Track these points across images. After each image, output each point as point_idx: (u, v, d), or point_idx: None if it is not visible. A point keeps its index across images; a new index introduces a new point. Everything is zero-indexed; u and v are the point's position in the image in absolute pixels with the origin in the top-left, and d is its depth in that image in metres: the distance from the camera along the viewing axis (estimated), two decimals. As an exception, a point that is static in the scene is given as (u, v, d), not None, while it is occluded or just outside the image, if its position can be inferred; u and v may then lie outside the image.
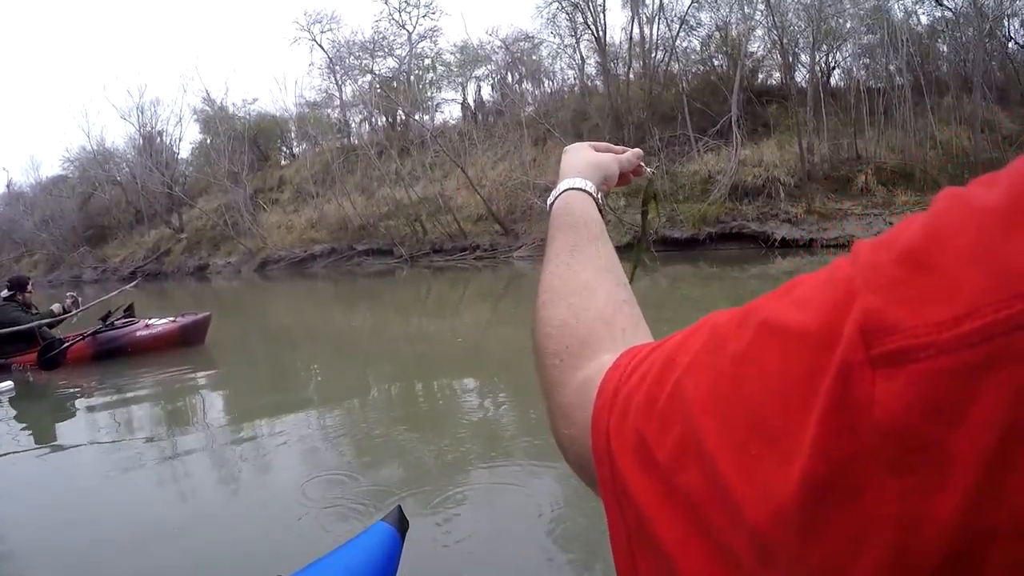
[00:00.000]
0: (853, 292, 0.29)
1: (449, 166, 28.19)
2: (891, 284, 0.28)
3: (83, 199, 42.45)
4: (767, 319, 0.33)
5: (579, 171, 0.83)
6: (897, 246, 0.30)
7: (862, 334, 0.28)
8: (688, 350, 0.38)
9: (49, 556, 3.12)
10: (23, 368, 7.86)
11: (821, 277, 0.33)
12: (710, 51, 26.75)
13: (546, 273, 0.64)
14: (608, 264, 0.64)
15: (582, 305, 0.57)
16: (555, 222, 0.73)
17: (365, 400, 6.05)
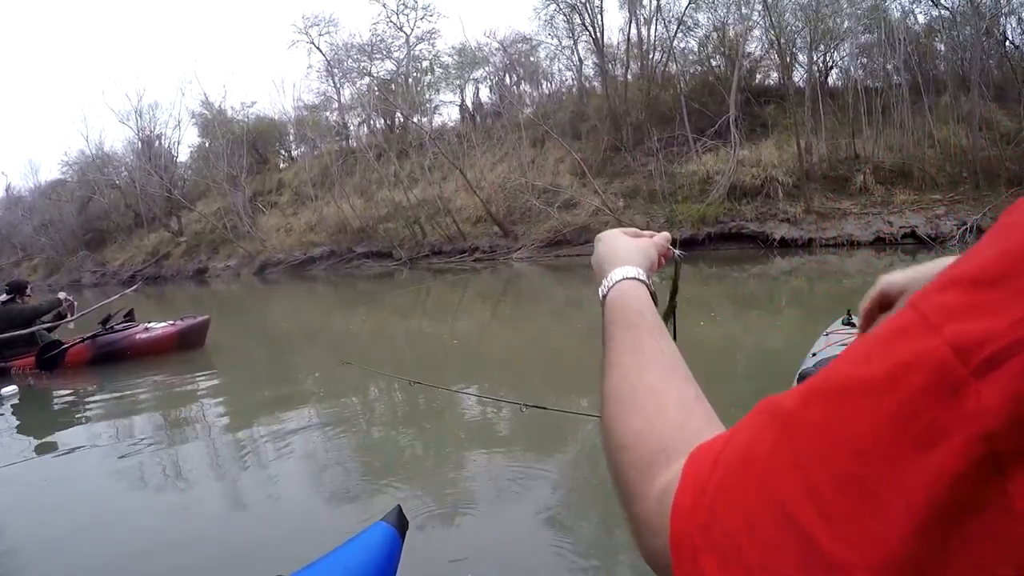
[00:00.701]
0: (934, 327, 0.30)
1: (448, 168, 28.18)
2: (972, 307, 0.29)
3: (82, 203, 42.41)
4: (837, 385, 0.33)
5: (627, 259, 0.80)
6: (965, 278, 0.31)
7: (957, 353, 0.28)
8: (762, 443, 0.37)
9: (49, 558, 3.12)
10: (23, 372, 7.87)
11: (881, 334, 0.33)
12: (708, 51, 26.79)
13: (611, 380, 0.61)
14: (672, 360, 0.61)
15: (654, 413, 0.54)
16: (612, 317, 0.70)
17: (364, 401, 6.06)
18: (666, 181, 22.63)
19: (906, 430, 0.29)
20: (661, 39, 26.64)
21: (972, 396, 0.27)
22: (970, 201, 18.04)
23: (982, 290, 0.30)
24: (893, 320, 0.33)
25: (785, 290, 11.61)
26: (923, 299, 0.32)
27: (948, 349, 0.29)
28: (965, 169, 19.21)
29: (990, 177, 18.52)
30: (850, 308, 3.93)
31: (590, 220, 23.11)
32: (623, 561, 2.69)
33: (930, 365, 0.29)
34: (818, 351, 3.32)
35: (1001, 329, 0.28)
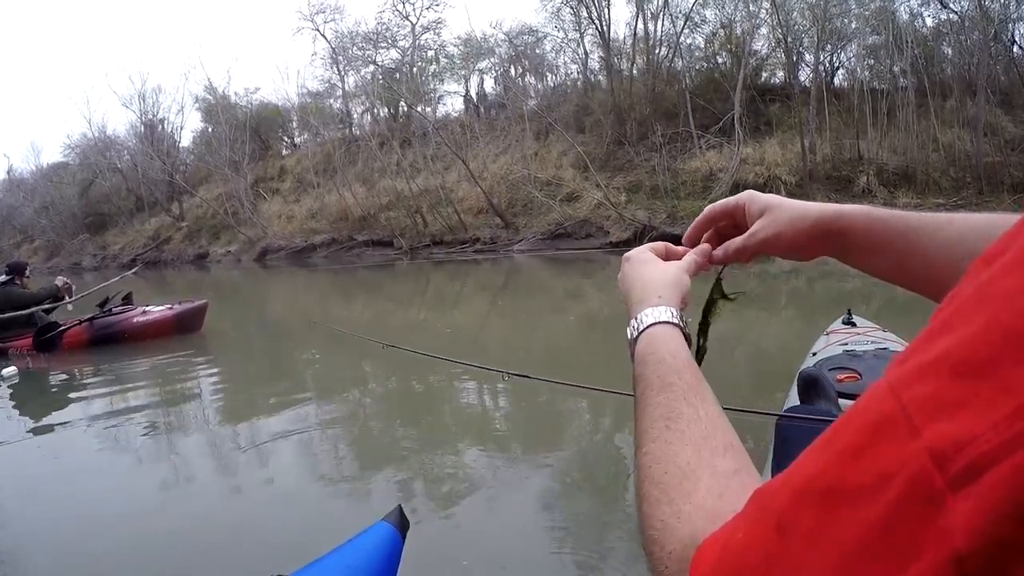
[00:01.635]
0: (915, 429, 0.28)
1: (450, 158, 28.15)
2: (954, 402, 0.27)
3: (84, 186, 42.41)
4: (828, 487, 0.32)
5: (659, 294, 0.73)
6: (947, 362, 0.29)
7: (935, 461, 0.27)
8: (757, 549, 0.36)
9: (44, 551, 3.11)
10: (20, 353, 7.86)
11: (867, 419, 0.31)
12: (714, 48, 26.73)
13: (642, 454, 0.57)
14: (708, 427, 0.56)
15: (684, 500, 0.50)
16: (643, 373, 0.64)
17: (364, 394, 6.05)
18: (669, 177, 22.60)
19: (887, 543, 0.28)
20: (668, 35, 26.62)
21: (947, 512, 0.26)
22: (973, 206, 18.01)
23: (964, 380, 0.27)
24: (877, 398, 0.31)
25: (786, 289, 11.60)
26: (904, 385, 0.30)
27: (927, 456, 0.27)
28: (969, 174, 19.18)
29: (993, 183, 18.51)
30: (850, 308, 3.92)
31: (592, 214, 23.11)
32: (623, 557, 2.68)
33: (908, 473, 0.28)
34: (818, 351, 3.31)
35: (980, 432, 0.26)
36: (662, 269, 0.78)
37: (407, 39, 33.60)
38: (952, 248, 0.66)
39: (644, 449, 0.57)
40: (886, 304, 8.49)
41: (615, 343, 4.15)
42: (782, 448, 1.64)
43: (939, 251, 0.66)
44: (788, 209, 0.77)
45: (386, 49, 34.10)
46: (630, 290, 0.77)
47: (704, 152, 22.91)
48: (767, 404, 3.58)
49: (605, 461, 3.88)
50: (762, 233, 0.79)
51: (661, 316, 0.69)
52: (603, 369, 6.19)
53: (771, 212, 0.78)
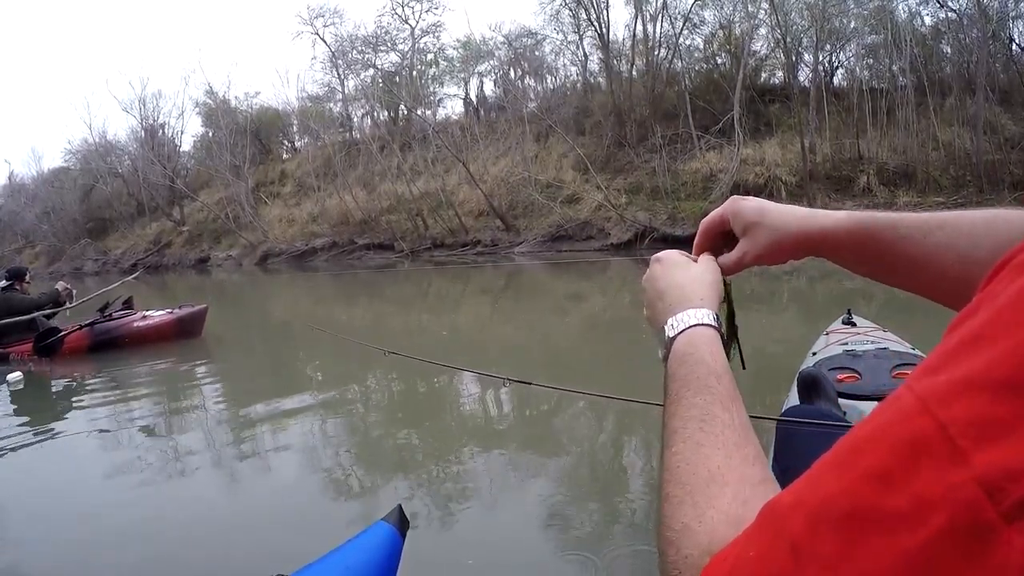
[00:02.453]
0: (960, 454, 0.26)
1: (451, 161, 28.17)
2: (1003, 424, 0.25)
3: (85, 191, 42.44)
4: (854, 511, 0.30)
5: (700, 295, 0.73)
6: (991, 380, 0.27)
7: (986, 492, 0.25)
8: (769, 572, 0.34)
9: (44, 552, 3.12)
10: (21, 358, 7.86)
11: (899, 438, 0.29)
12: (713, 49, 26.74)
13: (671, 453, 0.56)
14: (741, 434, 0.55)
15: (708, 504, 0.49)
16: (680, 372, 0.63)
17: (364, 395, 6.04)
18: (669, 178, 22.60)
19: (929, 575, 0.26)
20: (667, 36, 26.61)
21: (1002, 545, 0.24)
22: (973, 204, 17.69)
23: (1012, 401, 0.26)
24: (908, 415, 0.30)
25: (786, 289, 11.59)
26: (941, 403, 0.28)
27: (976, 486, 0.25)
28: (969, 172, 19.17)
29: (994, 181, 18.49)
30: (850, 308, 3.92)
31: (592, 215, 23.13)
32: (624, 554, 2.68)
33: (956, 503, 0.26)
34: (818, 351, 3.31)
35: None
36: (700, 270, 0.78)
37: (406, 42, 33.69)
38: (941, 254, 0.66)
39: (674, 448, 0.56)
40: (887, 304, 8.48)
41: (615, 345, 4.17)
42: (783, 447, 1.64)
43: (931, 256, 0.66)
44: (768, 229, 0.77)
45: (386, 52, 34.20)
46: (666, 290, 0.75)
47: (704, 153, 22.92)
48: (767, 404, 3.58)
49: (605, 463, 3.88)
50: (746, 258, 0.79)
51: (704, 318, 0.69)
52: (603, 371, 6.20)
53: (751, 234, 0.78)
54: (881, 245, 0.69)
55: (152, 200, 38.82)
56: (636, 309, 3.43)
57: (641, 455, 4.00)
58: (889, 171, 19.98)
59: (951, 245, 0.65)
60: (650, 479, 3.51)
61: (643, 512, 3.13)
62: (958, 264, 0.64)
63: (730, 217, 0.81)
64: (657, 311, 0.75)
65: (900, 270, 0.69)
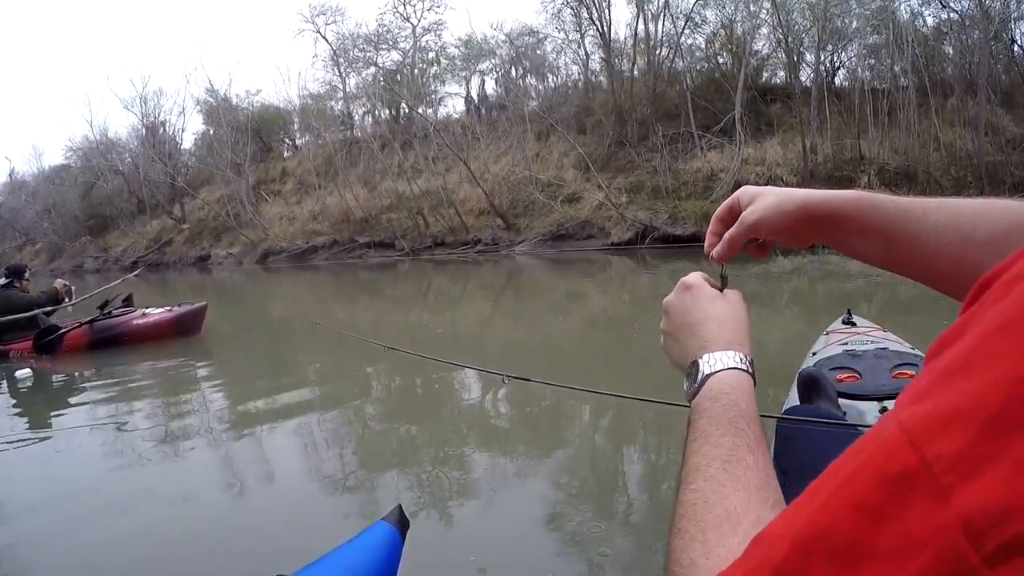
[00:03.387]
0: (943, 491, 0.26)
1: (452, 160, 28.17)
2: (979, 463, 0.25)
3: (85, 189, 42.44)
4: (843, 544, 0.29)
5: (739, 340, 0.74)
6: (975, 416, 0.26)
7: (967, 535, 0.25)
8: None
9: (45, 551, 3.12)
10: (21, 355, 7.87)
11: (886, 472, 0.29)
12: (715, 49, 26.74)
13: (690, 490, 0.55)
14: (763, 478, 0.55)
15: (719, 542, 0.49)
16: (712, 409, 0.63)
17: (364, 395, 6.05)
18: (670, 177, 22.59)
19: None
20: (668, 35, 26.63)
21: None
22: None
23: (996, 439, 0.25)
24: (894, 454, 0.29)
25: (787, 289, 11.59)
26: (925, 437, 0.28)
27: (959, 530, 0.25)
28: (970, 173, 19.16)
29: (995, 182, 18.46)
30: (850, 308, 3.92)
31: (593, 214, 23.13)
32: (624, 551, 2.68)
33: (939, 545, 0.26)
34: (818, 350, 3.31)
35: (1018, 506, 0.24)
36: (737, 311, 0.78)
37: (408, 41, 33.66)
38: (940, 233, 0.66)
39: (693, 486, 0.55)
40: (887, 304, 8.49)
41: (615, 344, 4.15)
42: (782, 448, 1.64)
43: (928, 235, 0.67)
44: (775, 193, 0.78)
45: (387, 51, 34.15)
46: (700, 324, 0.76)
47: (705, 152, 22.91)
48: (767, 403, 3.58)
49: (604, 462, 3.88)
50: (749, 217, 0.79)
51: (741, 363, 0.70)
52: (603, 370, 6.20)
53: (759, 198, 0.79)
54: (883, 216, 0.70)
55: (153, 198, 38.83)
56: (636, 308, 3.43)
57: (640, 453, 4.00)
58: (890, 171, 19.97)
59: (951, 224, 0.66)
60: (649, 477, 3.51)
61: (642, 509, 3.13)
62: (956, 243, 0.65)
63: (739, 197, 0.83)
64: (687, 344, 0.76)
65: (900, 244, 0.69)
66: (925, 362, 0.33)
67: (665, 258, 18.53)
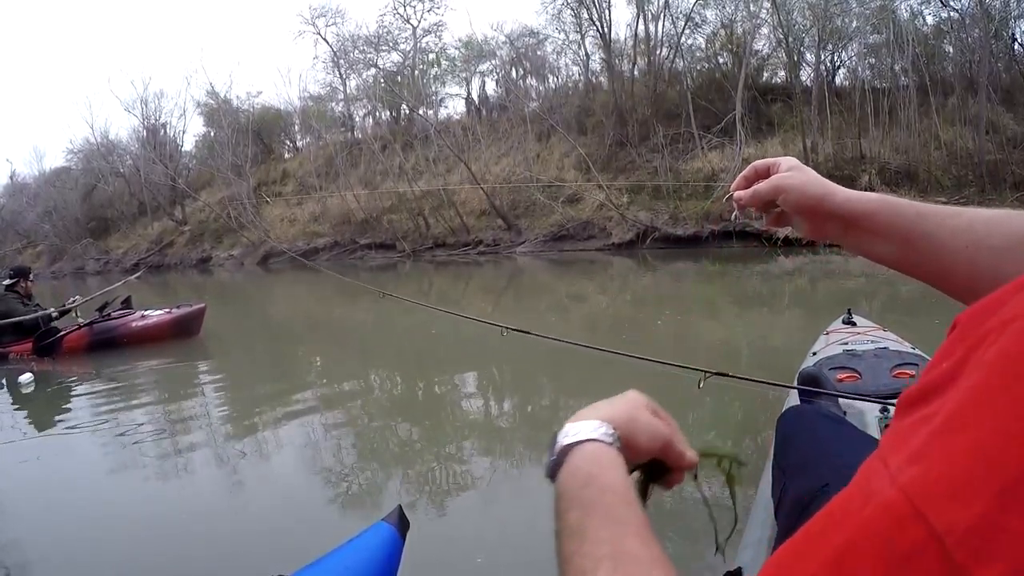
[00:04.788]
0: (960, 570, 0.24)
1: (452, 161, 28.16)
2: (1004, 539, 0.24)
3: (86, 191, 42.39)
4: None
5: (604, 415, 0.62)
6: (986, 487, 0.25)
7: None
8: None
9: (46, 551, 3.12)
10: (20, 357, 7.88)
11: (892, 551, 0.27)
12: (715, 49, 26.69)
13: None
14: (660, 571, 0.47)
15: None
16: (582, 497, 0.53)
17: (365, 395, 6.05)
18: (671, 177, 22.57)
19: None
20: (668, 35, 26.59)
21: None
22: (975, 204, 17.63)
23: (1011, 504, 0.24)
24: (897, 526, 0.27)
25: (788, 289, 11.59)
26: (934, 508, 0.26)
27: None
28: (971, 172, 19.14)
29: (996, 181, 18.46)
30: (851, 307, 3.92)
31: (594, 215, 23.14)
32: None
33: None
34: (818, 350, 3.31)
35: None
36: (627, 407, 0.65)
37: (408, 42, 33.63)
38: (959, 236, 0.67)
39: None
40: (888, 304, 8.49)
41: (617, 343, 4.13)
42: (782, 448, 1.64)
43: (947, 238, 0.68)
44: (809, 173, 0.82)
45: (387, 52, 34.12)
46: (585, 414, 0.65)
47: (706, 152, 22.90)
48: (767, 404, 3.58)
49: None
50: (777, 179, 0.84)
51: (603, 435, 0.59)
52: (604, 369, 6.19)
53: (796, 170, 0.84)
54: (904, 220, 0.72)
55: (154, 200, 38.80)
56: (637, 308, 3.44)
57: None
58: (891, 171, 19.95)
59: (967, 229, 0.67)
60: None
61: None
62: (972, 248, 0.66)
63: (780, 162, 0.87)
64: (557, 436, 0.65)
65: (918, 246, 0.71)
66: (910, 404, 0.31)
67: (666, 258, 18.55)
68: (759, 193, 0.85)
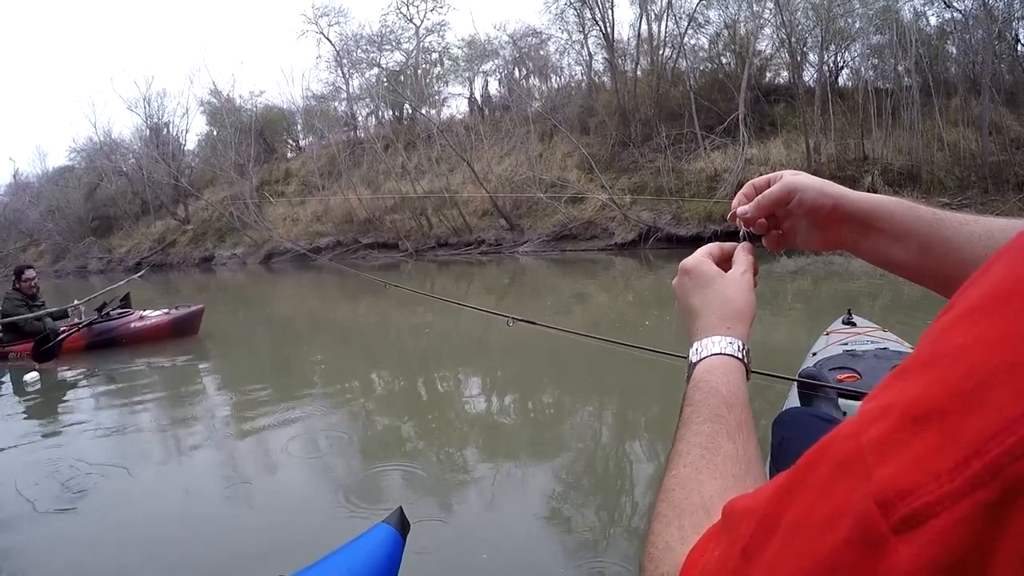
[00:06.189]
0: (867, 470, 0.29)
1: (455, 160, 28.15)
2: (896, 447, 0.28)
3: (89, 190, 42.46)
4: (791, 520, 0.32)
5: (728, 324, 0.74)
6: (895, 410, 0.30)
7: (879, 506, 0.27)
8: (725, 569, 0.37)
9: (47, 550, 3.13)
10: (21, 357, 7.89)
11: (832, 456, 0.32)
12: (718, 49, 26.69)
13: (671, 475, 0.57)
14: (743, 467, 0.56)
15: (694, 529, 0.50)
16: (695, 398, 0.64)
17: (365, 396, 6.05)
18: (674, 178, 22.57)
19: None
20: (671, 35, 26.57)
21: (889, 554, 0.27)
22: (978, 205, 17.92)
23: (912, 425, 0.28)
24: (841, 441, 0.32)
25: (790, 290, 11.58)
26: (864, 425, 0.31)
27: (871, 501, 0.28)
28: (974, 173, 19.12)
29: (999, 182, 18.43)
30: (852, 308, 3.92)
31: (596, 215, 23.14)
32: (628, 560, 2.68)
33: (855, 515, 0.28)
34: (818, 351, 3.31)
35: (925, 482, 0.26)
36: (732, 292, 0.78)
37: (411, 41, 33.65)
38: (977, 242, 0.68)
39: (674, 472, 0.57)
40: (889, 304, 8.48)
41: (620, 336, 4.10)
42: (779, 449, 1.64)
43: (965, 242, 0.68)
44: (817, 179, 0.80)
45: (390, 51, 34.18)
46: (698, 310, 0.77)
47: (709, 153, 22.89)
48: (767, 404, 3.57)
49: (609, 463, 3.88)
50: (788, 180, 0.81)
51: (726, 347, 0.70)
52: (604, 369, 6.19)
53: (804, 176, 0.81)
54: (923, 221, 0.71)
55: (157, 199, 38.85)
56: (638, 308, 3.44)
57: (646, 450, 4.00)
58: (894, 171, 19.93)
59: (986, 235, 0.68)
60: (656, 474, 3.51)
61: (647, 511, 3.13)
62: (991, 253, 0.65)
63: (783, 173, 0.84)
64: (689, 329, 0.77)
65: (936, 251, 0.70)
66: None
67: (669, 258, 18.52)
68: (768, 197, 0.83)
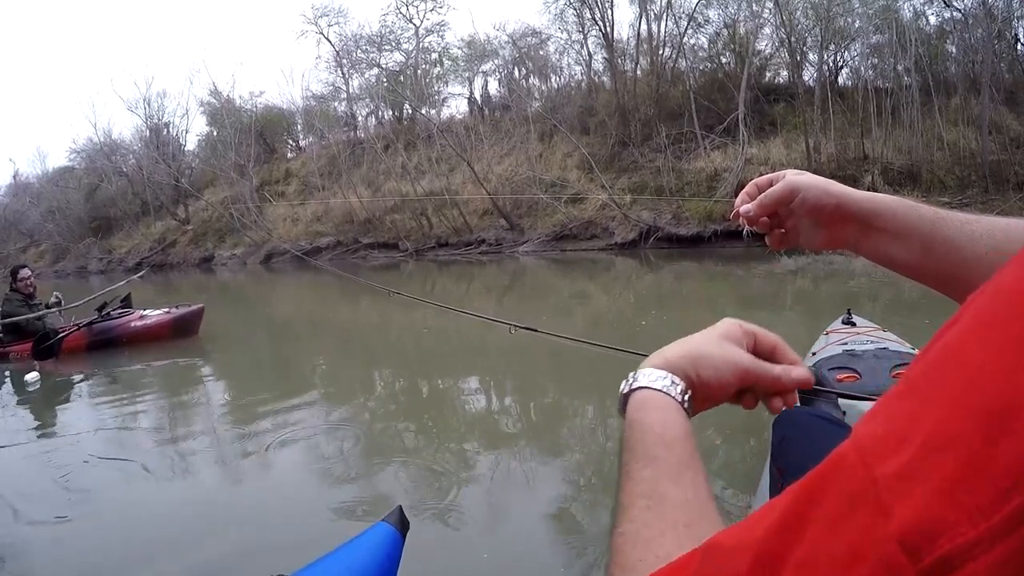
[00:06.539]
0: (884, 509, 0.27)
1: (455, 160, 28.15)
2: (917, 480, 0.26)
3: (89, 190, 42.46)
4: (803, 561, 0.30)
5: (669, 358, 0.65)
6: (913, 440, 0.27)
7: (905, 550, 0.25)
8: None
9: (47, 550, 3.13)
10: (20, 357, 7.90)
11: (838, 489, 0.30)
12: (718, 48, 26.69)
13: (617, 531, 0.51)
14: (693, 512, 0.50)
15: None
16: (629, 438, 0.59)
17: (364, 396, 6.06)
18: (673, 177, 22.57)
19: None
20: (671, 35, 26.56)
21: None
22: (978, 204, 17.91)
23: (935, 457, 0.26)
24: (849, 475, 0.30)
25: (791, 289, 11.59)
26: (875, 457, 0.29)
27: (897, 544, 0.25)
28: (974, 172, 19.11)
29: (999, 181, 18.43)
30: (852, 308, 3.92)
31: (597, 215, 23.14)
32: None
33: (876, 559, 0.26)
34: (818, 351, 3.32)
35: (956, 520, 0.24)
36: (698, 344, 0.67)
37: (411, 42, 33.65)
38: (978, 241, 0.68)
39: (620, 529, 0.51)
40: (889, 304, 8.48)
41: (620, 340, 4.12)
42: (780, 449, 1.65)
43: (966, 241, 0.68)
44: (820, 179, 0.80)
45: (390, 52, 34.17)
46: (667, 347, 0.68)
47: (709, 152, 22.89)
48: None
49: (609, 463, 3.88)
50: (791, 179, 0.81)
51: (656, 382, 0.62)
52: (606, 369, 6.20)
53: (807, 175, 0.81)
54: (925, 220, 0.72)
55: (157, 199, 38.84)
56: (639, 308, 3.45)
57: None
58: (894, 171, 19.92)
59: (987, 234, 0.68)
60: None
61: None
62: (993, 254, 0.66)
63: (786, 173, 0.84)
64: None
65: (938, 250, 0.71)
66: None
67: (669, 258, 18.54)
68: (771, 196, 0.82)
